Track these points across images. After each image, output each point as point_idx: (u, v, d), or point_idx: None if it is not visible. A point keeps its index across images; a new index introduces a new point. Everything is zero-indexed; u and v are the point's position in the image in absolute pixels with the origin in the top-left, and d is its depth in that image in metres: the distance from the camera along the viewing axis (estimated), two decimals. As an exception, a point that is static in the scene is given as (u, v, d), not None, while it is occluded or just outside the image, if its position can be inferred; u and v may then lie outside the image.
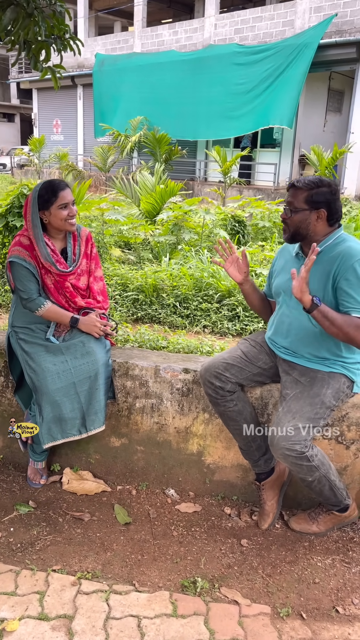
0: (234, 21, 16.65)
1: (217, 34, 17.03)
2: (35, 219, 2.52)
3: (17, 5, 3.78)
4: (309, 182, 2.19)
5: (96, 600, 2.07)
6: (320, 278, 2.21)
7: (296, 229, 2.25)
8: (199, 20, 17.98)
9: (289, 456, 2.20)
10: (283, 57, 14.58)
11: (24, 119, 33.49)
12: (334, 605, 2.12)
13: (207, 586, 2.16)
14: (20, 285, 2.55)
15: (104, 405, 2.58)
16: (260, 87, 15.19)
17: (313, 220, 2.22)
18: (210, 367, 2.44)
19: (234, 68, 15.73)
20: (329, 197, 2.19)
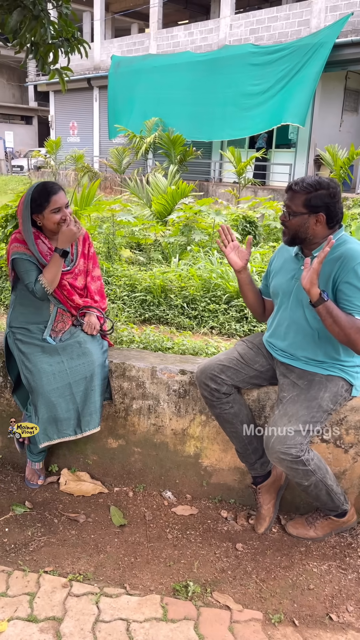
0: (249, 21, 16.59)
1: (232, 34, 16.99)
2: (27, 223, 2.50)
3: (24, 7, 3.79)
4: (307, 185, 2.14)
5: (86, 602, 2.06)
6: (320, 280, 2.16)
7: (295, 232, 2.21)
8: (214, 21, 17.96)
9: (284, 460, 2.16)
10: (299, 57, 14.49)
11: (41, 121, 33.78)
12: (327, 612, 2.07)
13: (199, 590, 2.13)
14: (27, 278, 2.51)
15: (99, 406, 2.57)
16: (275, 87, 15.11)
17: (312, 224, 2.17)
18: (206, 369, 2.41)
19: (249, 68, 15.67)
20: (327, 201, 2.13)
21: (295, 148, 16.39)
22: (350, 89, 16.55)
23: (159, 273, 5.78)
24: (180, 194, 8.30)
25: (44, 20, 3.97)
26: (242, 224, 7.82)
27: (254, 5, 21.25)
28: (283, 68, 14.83)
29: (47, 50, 4.30)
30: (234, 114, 16.05)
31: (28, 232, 2.52)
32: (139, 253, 7.30)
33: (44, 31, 4.01)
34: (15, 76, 33.85)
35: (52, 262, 2.51)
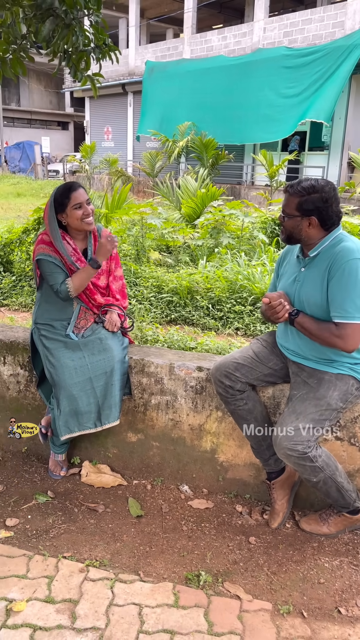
0: (283, 24, 16.57)
1: (266, 37, 16.99)
2: (53, 222, 2.63)
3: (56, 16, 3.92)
4: (302, 188, 2.18)
5: (101, 587, 2.15)
6: (316, 280, 2.22)
7: (290, 233, 2.27)
8: (248, 24, 18.00)
9: (291, 456, 2.20)
10: (333, 59, 14.40)
11: (77, 126, 34.39)
12: (336, 606, 2.11)
13: (210, 580, 2.20)
14: (51, 279, 2.64)
15: (119, 400, 2.66)
16: (309, 89, 15.05)
17: (305, 226, 2.22)
18: (221, 366, 2.48)
19: (282, 71, 15.65)
20: (319, 205, 2.17)
21: (329, 150, 16.27)
22: (385, 90, 16.33)
23: (186, 275, 5.86)
24: (210, 197, 8.37)
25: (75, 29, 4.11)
26: (271, 226, 7.83)
27: (289, 8, 21.19)
28: (317, 70, 14.76)
29: (79, 58, 4.44)
30: (266, 117, 16.05)
31: (55, 231, 2.64)
32: (168, 255, 7.40)
33: (75, 39, 4.15)
34: (52, 83, 34.58)
35: (83, 272, 2.64)
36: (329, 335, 2.16)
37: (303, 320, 2.23)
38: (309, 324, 2.22)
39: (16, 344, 2.95)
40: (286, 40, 16.44)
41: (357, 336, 2.15)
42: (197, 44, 19.55)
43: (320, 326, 2.20)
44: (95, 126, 25.10)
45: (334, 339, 2.15)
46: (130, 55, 22.35)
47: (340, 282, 2.15)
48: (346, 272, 2.14)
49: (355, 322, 2.13)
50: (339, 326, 2.16)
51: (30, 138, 32.41)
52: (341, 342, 2.15)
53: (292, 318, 2.25)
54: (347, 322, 2.14)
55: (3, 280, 6.02)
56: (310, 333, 2.22)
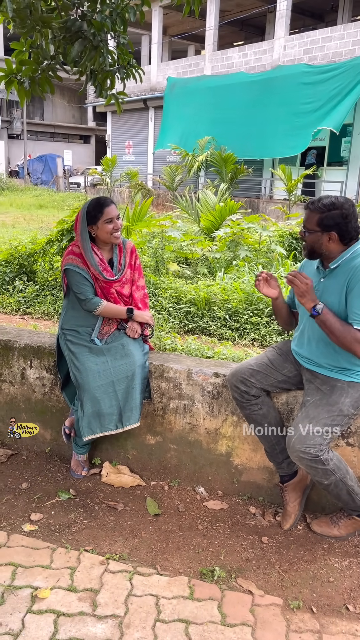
0: (303, 42, 16.80)
1: (286, 54, 17.23)
2: (84, 233, 2.80)
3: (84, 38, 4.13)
4: (322, 205, 2.31)
5: (121, 578, 2.27)
6: (335, 291, 2.33)
7: (311, 247, 2.39)
8: (269, 42, 18.27)
9: (304, 458, 2.31)
10: (351, 76, 14.56)
11: (99, 140, 34.98)
12: (345, 603, 2.20)
13: (224, 575, 2.30)
14: (77, 289, 2.82)
15: (139, 403, 2.80)
16: (327, 105, 15.21)
17: (325, 241, 2.34)
18: (237, 373, 2.60)
19: (301, 87, 15.85)
20: (339, 221, 2.29)
21: (347, 165, 16.38)
22: None
23: (204, 286, 6.00)
24: (229, 210, 8.53)
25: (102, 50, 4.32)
26: (288, 240, 7.95)
27: (309, 26, 21.45)
28: (335, 87, 14.93)
29: (105, 77, 4.65)
30: (285, 132, 16.24)
31: (85, 242, 2.81)
32: (186, 267, 7.56)
33: (102, 60, 4.36)
34: (75, 98, 35.27)
35: (117, 309, 2.87)
36: (351, 338, 2.23)
37: (328, 317, 2.27)
38: (333, 321, 2.27)
39: (42, 348, 3.10)
40: (306, 58, 16.66)
41: None
42: (217, 60, 19.88)
43: (344, 327, 2.26)
44: (116, 140, 25.55)
45: (352, 342, 2.23)
46: (152, 72, 22.78)
47: (359, 293, 2.26)
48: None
49: None
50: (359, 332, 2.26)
51: (53, 151, 33.06)
52: (358, 347, 2.24)
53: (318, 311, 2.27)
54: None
55: (27, 289, 6.21)
56: (332, 331, 2.26)
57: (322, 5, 21.12)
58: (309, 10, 21.45)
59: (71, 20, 4.11)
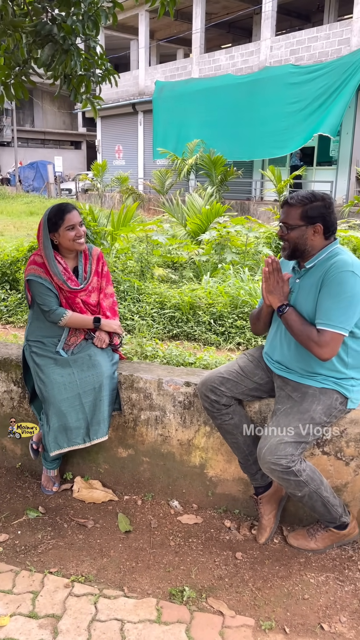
0: (289, 42, 16.77)
1: (272, 55, 17.20)
2: (46, 240, 2.70)
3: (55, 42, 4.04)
4: (303, 197, 2.24)
5: (85, 602, 2.16)
6: (310, 291, 2.25)
7: (294, 245, 2.29)
8: (255, 43, 18.24)
9: (275, 470, 2.21)
10: (337, 75, 14.52)
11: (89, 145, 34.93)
12: (320, 622, 2.09)
13: (194, 595, 2.20)
14: (40, 300, 2.73)
15: (107, 416, 2.69)
16: (313, 104, 15.18)
17: (310, 235, 2.26)
18: (207, 381, 2.50)
19: (288, 87, 15.82)
20: (323, 211, 2.22)
21: (337, 165, 16.32)
22: (393, 105, 16.38)
23: (188, 290, 5.91)
24: (215, 213, 8.45)
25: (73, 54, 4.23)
26: (276, 242, 7.87)
27: (295, 27, 21.44)
28: (321, 86, 14.90)
29: (80, 81, 4.57)
30: (273, 133, 16.20)
31: (48, 250, 2.71)
32: (172, 271, 7.47)
33: (74, 64, 4.27)
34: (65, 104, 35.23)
35: (82, 319, 2.77)
36: (308, 337, 2.18)
37: (291, 316, 2.25)
38: (295, 321, 2.23)
39: (9, 360, 3.00)
40: (293, 58, 16.62)
41: (333, 346, 2.16)
42: (205, 63, 19.84)
43: (304, 326, 2.21)
44: (106, 145, 25.49)
45: (311, 343, 2.17)
46: (140, 76, 22.74)
47: (329, 291, 2.18)
48: (337, 282, 2.16)
49: (335, 331, 2.15)
50: (320, 332, 2.17)
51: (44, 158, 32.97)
52: (317, 348, 2.16)
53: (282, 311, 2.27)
54: (327, 330, 2.16)
55: (9, 297, 6.11)
56: (292, 329, 2.24)
57: (308, 6, 21.11)
58: (295, 10, 21.44)
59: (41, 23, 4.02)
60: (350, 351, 2.30)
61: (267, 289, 2.30)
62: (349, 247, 8.41)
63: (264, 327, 2.59)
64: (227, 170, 16.37)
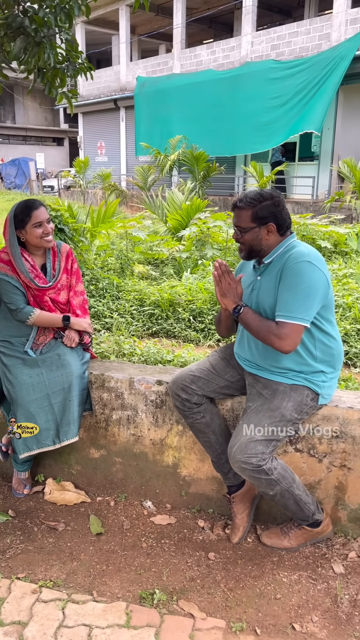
0: (270, 37, 16.73)
1: (253, 51, 17.15)
2: (12, 238, 2.63)
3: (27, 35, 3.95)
4: (251, 199, 2.20)
5: (52, 608, 2.11)
6: (270, 286, 2.22)
7: (250, 247, 2.27)
8: (236, 38, 18.19)
9: (246, 469, 2.18)
10: (318, 70, 14.51)
11: (72, 142, 34.63)
12: (291, 622, 2.07)
13: (164, 598, 2.16)
14: (7, 299, 2.66)
15: (77, 417, 2.64)
16: (294, 99, 15.16)
17: (264, 235, 2.23)
18: (177, 380, 2.46)
19: (269, 83, 15.78)
20: (273, 210, 2.19)
21: (319, 160, 16.35)
22: (373, 100, 16.43)
23: (168, 287, 5.86)
24: (195, 209, 8.40)
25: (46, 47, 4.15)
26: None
27: (276, 22, 21.42)
28: (302, 81, 14.88)
29: (54, 75, 4.48)
30: (254, 128, 16.15)
31: (14, 248, 2.64)
32: (153, 268, 7.41)
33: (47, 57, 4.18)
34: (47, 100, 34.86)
35: (51, 317, 2.70)
36: (268, 332, 2.15)
37: (247, 315, 2.22)
38: (252, 319, 2.21)
39: (-22, 361, 2.93)
40: (274, 54, 16.60)
41: (294, 337, 2.13)
42: (186, 58, 19.74)
43: (261, 323, 2.19)
44: (88, 141, 25.30)
45: (271, 337, 2.14)
46: (122, 71, 22.57)
47: (287, 284, 2.15)
48: (294, 273, 2.13)
49: (294, 322, 2.12)
50: (279, 325, 2.14)
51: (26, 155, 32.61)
52: (277, 341, 2.13)
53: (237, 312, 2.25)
54: (286, 322, 2.12)
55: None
56: (251, 328, 2.21)
57: (289, 1, 21.09)
58: (276, 5, 21.39)
59: (12, 16, 3.93)
60: (318, 344, 2.27)
61: (220, 292, 2.27)
62: (329, 242, 8.43)
63: (226, 330, 2.57)
64: (210, 166, 16.31)
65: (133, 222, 8.50)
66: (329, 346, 2.29)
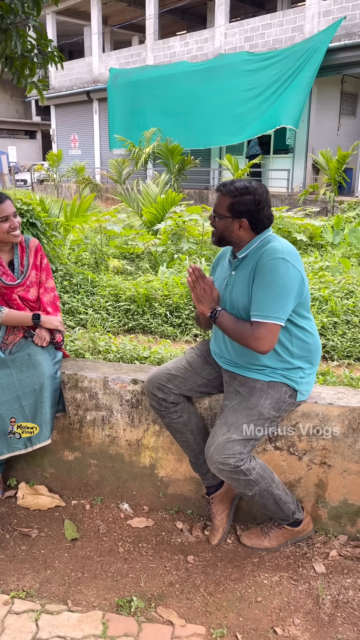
0: (243, 29, 16.64)
1: (227, 42, 17.05)
2: None
3: (-7, 22, 3.81)
4: (234, 189, 2.12)
5: (25, 620, 2.02)
6: (243, 282, 2.15)
7: (221, 234, 2.20)
8: (209, 30, 18.05)
9: (223, 470, 2.11)
10: (292, 62, 14.49)
11: (45, 135, 34.10)
12: (273, 625, 2.01)
13: (142, 605, 2.08)
14: None
15: (50, 419, 2.54)
16: (267, 91, 15.12)
17: (235, 228, 2.15)
18: (153, 379, 2.38)
19: (242, 75, 15.71)
20: (251, 207, 2.11)
21: (293, 153, 16.36)
22: (346, 93, 16.51)
23: (144, 282, 5.76)
24: (170, 202, 8.29)
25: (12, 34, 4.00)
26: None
27: (249, 14, 21.33)
28: (275, 73, 14.84)
29: (23, 64, 4.33)
30: (228, 120, 16.08)
31: None
32: (128, 263, 7.30)
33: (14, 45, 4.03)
34: (18, 92, 34.23)
35: (20, 316, 2.60)
36: (243, 334, 2.08)
37: (222, 319, 2.15)
38: (227, 323, 2.14)
39: None
40: (247, 45, 16.52)
41: (270, 337, 2.06)
42: (159, 50, 19.53)
43: (237, 325, 2.11)
44: (61, 134, 24.91)
45: (247, 339, 2.07)
46: (94, 63, 22.25)
47: (261, 281, 2.08)
48: (268, 270, 2.06)
49: (269, 322, 2.05)
50: (254, 325, 2.07)
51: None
52: (253, 342, 2.06)
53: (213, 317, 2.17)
54: (261, 322, 2.06)
55: None
56: (228, 331, 2.14)
57: (262, -7, 21.04)
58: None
59: (-24, 3, 3.78)
60: (295, 340, 2.21)
61: (196, 298, 2.19)
62: (305, 235, 8.42)
63: (206, 326, 2.50)
64: (185, 159, 16.19)
65: (107, 215, 8.36)
66: (306, 342, 2.23)
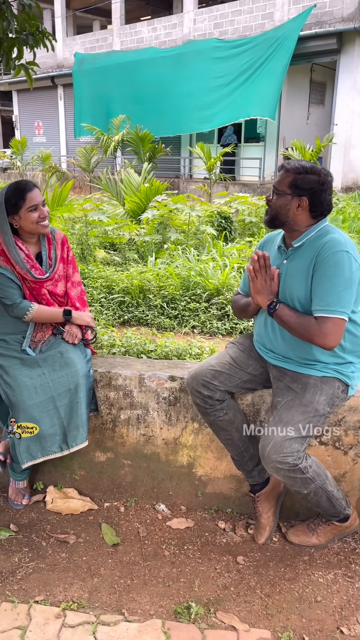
0: (212, 15, 16.48)
1: (196, 29, 16.85)
2: (5, 225, 2.35)
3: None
4: (299, 166, 2.05)
5: (82, 633, 1.92)
6: (300, 273, 2.08)
7: (276, 213, 2.11)
8: (178, 16, 17.80)
9: (281, 469, 2.05)
10: (263, 50, 14.43)
11: (5, 121, 33.10)
12: (338, 625, 1.98)
13: (202, 611, 2.01)
14: (1, 293, 2.39)
15: (86, 420, 2.42)
16: (238, 79, 15.04)
17: (294, 207, 2.07)
18: (198, 375, 2.29)
19: (213, 62, 15.57)
20: (314, 186, 2.04)
21: (264, 142, 16.37)
22: (315, 82, 16.59)
23: (137, 273, 5.63)
24: (154, 191, 8.14)
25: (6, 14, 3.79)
26: (218, 220, 7.72)
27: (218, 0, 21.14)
28: (246, 61, 14.77)
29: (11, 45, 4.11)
30: (198, 108, 15.93)
31: (7, 236, 2.37)
32: (114, 253, 7.14)
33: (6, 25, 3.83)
34: (-24, 76, 33.08)
35: (51, 312, 2.47)
36: (307, 329, 2.01)
37: (283, 312, 2.08)
38: (289, 316, 2.06)
39: (-36, 362, 2.64)
40: (217, 32, 16.37)
41: (337, 332, 2.00)
42: (126, 35, 19.17)
43: (300, 320, 2.04)
44: (25, 121, 24.22)
45: (312, 334, 2.00)
46: (58, 47, 21.64)
47: (324, 275, 2.01)
48: (332, 263, 1.99)
49: (336, 317, 1.99)
50: (319, 320, 2.00)
51: None
52: (320, 338, 2.00)
53: (272, 309, 2.09)
54: (327, 317, 1.99)
55: None
56: (289, 325, 2.07)
57: (229, -21, 20.85)
58: (217, -17, 21.12)
59: None
60: (347, 335, 2.15)
61: (255, 288, 2.11)
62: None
63: (249, 317, 2.42)
64: (156, 147, 15.99)
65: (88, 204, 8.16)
66: (358, 336, 2.19)
